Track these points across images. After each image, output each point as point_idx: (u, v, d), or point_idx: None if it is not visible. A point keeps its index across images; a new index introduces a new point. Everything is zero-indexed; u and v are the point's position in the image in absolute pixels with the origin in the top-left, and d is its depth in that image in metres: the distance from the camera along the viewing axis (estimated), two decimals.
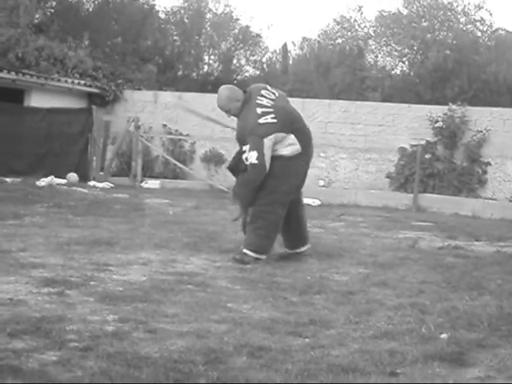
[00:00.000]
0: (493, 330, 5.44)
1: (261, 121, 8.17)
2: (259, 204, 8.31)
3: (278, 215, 8.37)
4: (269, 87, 8.71)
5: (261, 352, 4.62)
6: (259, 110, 8.23)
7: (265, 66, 30.90)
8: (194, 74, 29.41)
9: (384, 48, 28.45)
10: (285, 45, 30.98)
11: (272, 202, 8.30)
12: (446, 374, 4.36)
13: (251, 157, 8.10)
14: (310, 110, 19.99)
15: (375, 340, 5.08)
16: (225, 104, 8.57)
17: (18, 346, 4.49)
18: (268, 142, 8.10)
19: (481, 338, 5.16)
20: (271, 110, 8.25)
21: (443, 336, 5.18)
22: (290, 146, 8.27)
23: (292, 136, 8.27)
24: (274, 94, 8.53)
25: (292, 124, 8.36)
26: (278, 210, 8.35)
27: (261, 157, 8.07)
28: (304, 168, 8.61)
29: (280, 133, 8.18)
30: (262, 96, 8.39)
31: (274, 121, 8.19)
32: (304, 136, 8.47)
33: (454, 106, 19.73)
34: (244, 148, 8.25)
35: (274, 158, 8.20)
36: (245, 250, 8.20)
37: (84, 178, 19.21)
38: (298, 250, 8.81)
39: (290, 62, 31.06)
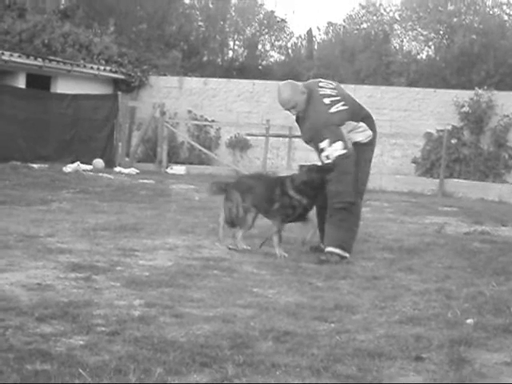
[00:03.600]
0: None
1: (332, 110, 7.67)
2: (333, 193, 7.69)
3: (358, 206, 7.96)
4: (322, 79, 8.27)
5: (286, 337, 4.63)
6: (327, 100, 7.72)
7: (290, 51, 30.84)
8: (219, 60, 29.41)
9: (410, 32, 28.28)
10: (310, 30, 30.90)
11: (347, 189, 7.72)
12: (471, 358, 4.36)
13: (336, 148, 7.53)
14: None
15: (401, 325, 5.08)
16: (291, 97, 7.71)
17: (46, 330, 4.54)
18: (344, 130, 7.67)
19: (507, 323, 5.14)
20: (338, 97, 7.80)
21: (469, 321, 5.17)
22: (363, 132, 7.84)
23: (362, 123, 7.84)
24: (331, 84, 8.07)
25: (361, 110, 7.98)
26: (358, 200, 7.87)
27: (347, 144, 7.58)
28: (372, 155, 8.24)
29: (351, 121, 7.74)
30: (323, 87, 7.89)
31: (346, 107, 7.73)
32: (371, 122, 8.03)
33: (480, 91, 19.61)
34: (322, 145, 7.58)
35: None
36: (330, 249, 7.59)
37: (110, 164, 19.31)
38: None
39: (315, 47, 30.96)
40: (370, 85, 21.69)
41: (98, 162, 19.10)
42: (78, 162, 17.94)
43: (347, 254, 7.60)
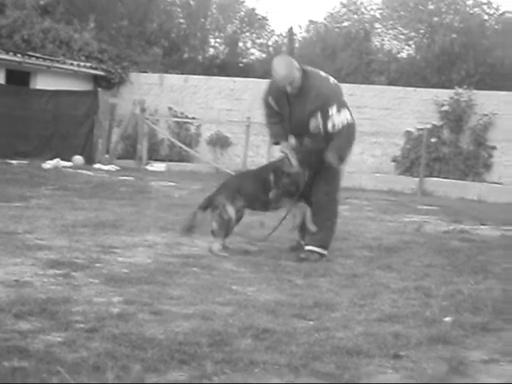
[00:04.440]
0: (497, 313, 5.44)
1: (331, 81, 7.55)
2: (324, 193, 7.67)
3: (338, 203, 7.88)
4: None
5: (265, 334, 4.63)
6: (323, 73, 7.60)
7: (271, 49, 30.83)
8: (200, 57, 29.36)
9: (390, 31, 28.37)
10: (291, 28, 30.87)
11: (335, 189, 7.78)
12: (449, 356, 4.37)
13: (344, 116, 7.33)
14: None
15: (379, 323, 5.09)
16: (288, 72, 7.32)
17: (24, 327, 4.51)
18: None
19: (485, 322, 5.17)
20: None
21: (447, 319, 5.19)
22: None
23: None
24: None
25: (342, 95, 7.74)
26: (337, 197, 7.83)
27: (351, 113, 7.43)
28: None
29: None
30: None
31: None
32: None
33: (460, 90, 19.70)
34: (330, 111, 7.27)
35: None
36: (311, 248, 7.56)
37: (89, 161, 19.25)
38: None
39: (296, 45, 30.97)
40: (351, 83, 21.68)
41: (78, 159, 19.04)
42: (58, 159, 17.88)
43: (326, 252, 7.61)
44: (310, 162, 7.54)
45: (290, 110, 7.53)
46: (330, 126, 7.32)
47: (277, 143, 7.87)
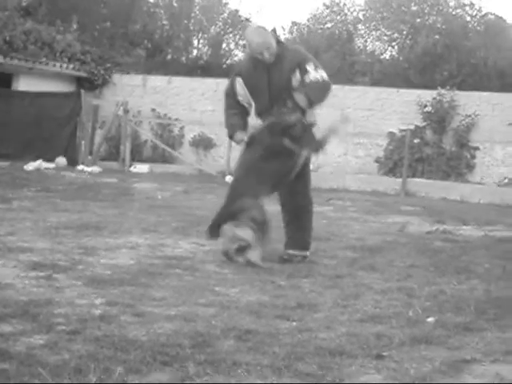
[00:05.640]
0: (480, 313, 5.45)
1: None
2: (302, 195, 7.56)
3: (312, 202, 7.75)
4: None
5: (248, 335, 4.62)
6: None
7: None
8: (183, 58, 29.29)
9: (373, 32, 28.41)
10: (274, 29, 30.75)
11: (309, 189, 7.65)
12: (432, 357, 4.38)
13: (321, 74, 7.22)
14: None
15: (362, 323, 5.09)
16: (264, 38, 7.20)
17: (6, 329, 4.48)
18: None
19: (468, 322, 5.18)
20: None
21: (430, 319, 5.20)
22: None
23: None
24: None
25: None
26: (311, 196, 7.72)
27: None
28: None
29: None
30: None
31: None
32: None
33: (442, 91, 19.78)
34: (308, 67, 7.14)
35: None
36: (291, 251, 7.46)
37: (72, 163, 19.19)
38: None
39: None
40: (334, 84, 21.67)
41: (61, 160, 18.99)
42: (40, 160, 17.81)
43: (308, 253, 7.58)
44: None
45: (269, 79, 7.32)
46: (307, 79, 7.18)
47: (231, 136, 7.63)
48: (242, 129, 7.52)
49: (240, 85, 7.50)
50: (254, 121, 7.65)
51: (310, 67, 7.20)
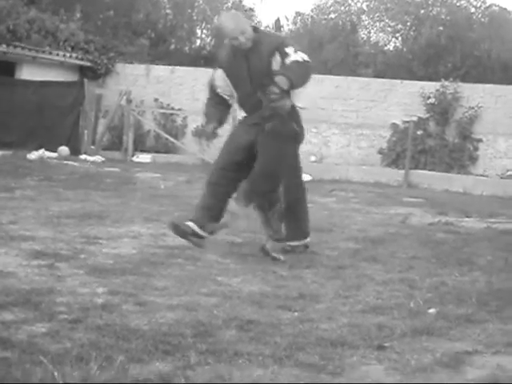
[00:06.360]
0: (481, 305, 5.46)
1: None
2: (295, 185, 7.54)
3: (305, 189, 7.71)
4: None
5: (250, 325, 4.63)
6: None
7: None
8: (187, 48, 29.25)
9: (377, 23, 28.34)
10: (278, 19, 30.82)
11: (301, 179, 7.67)
12: (433, 348, 4.38)
13: (302, 56, 7.02)
14: None
15: (364, 314, 5.10)
16: (236, 23, 7.08)
17: (8, 317, 4.49)
18: None
19: (469, 313, 5.18)
20: None
21: (431, 311, 5.20)
22: None
23: None
24: None
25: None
26: (304, 186, 7.72)
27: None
28: None
29: None
30: None
31: None
32: None
33: (446, 83, 19.71)
34: (288, 50, 6.99)
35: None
36: (292, 243, 7.41)
37: (75, 152, 19.15)
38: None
39: None
40: (337, 75, 21.67)
41: (63, 150, 18.95)
42: (43, 150, 17.80)
43: (309, 239, 7.54)
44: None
45: (248, 65, 7.20)
46: (287, 61, 7.01)
47: (203, 126, 7.67)
48: (214, 121, 7.49)
49: (219, 77, 7.44)
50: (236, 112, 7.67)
51: (289, 50, 7.06)
